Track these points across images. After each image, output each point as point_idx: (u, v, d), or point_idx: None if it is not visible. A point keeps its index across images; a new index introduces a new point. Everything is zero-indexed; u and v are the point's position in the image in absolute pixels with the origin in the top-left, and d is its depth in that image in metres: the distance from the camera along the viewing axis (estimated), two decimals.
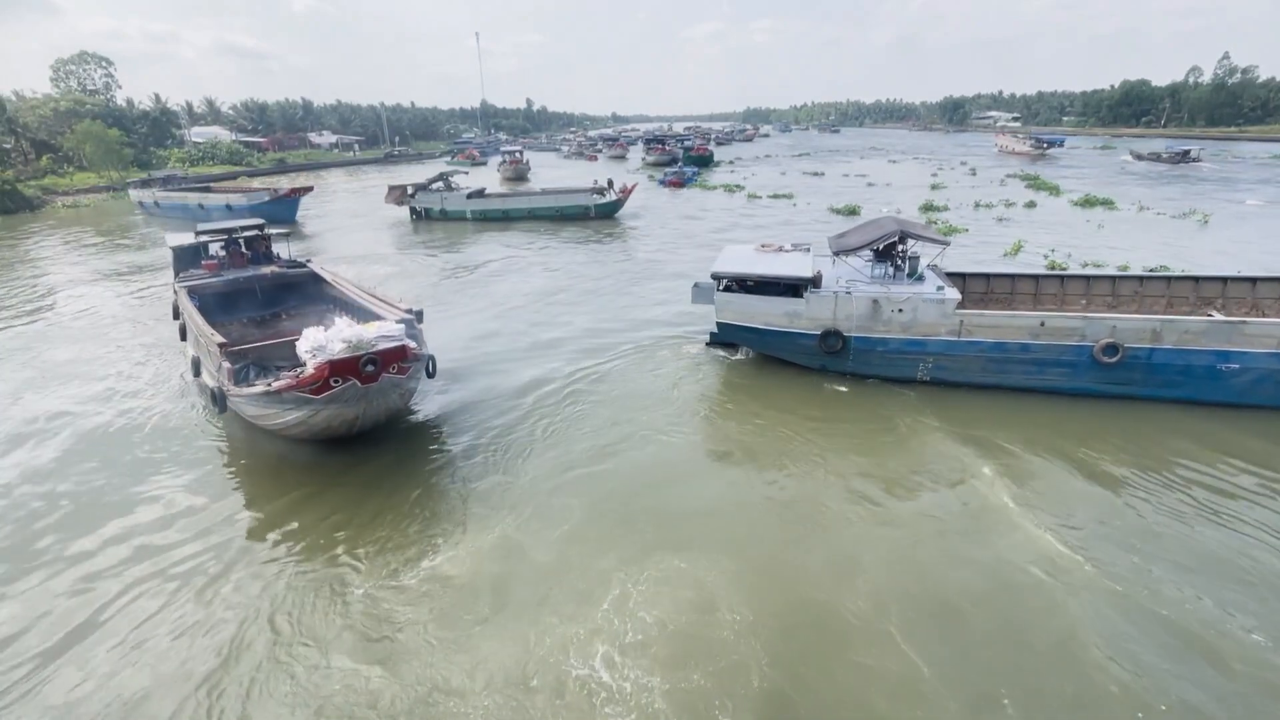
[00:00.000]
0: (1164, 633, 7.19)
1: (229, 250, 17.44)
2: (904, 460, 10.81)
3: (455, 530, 9.23)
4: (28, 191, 51.48)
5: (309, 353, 9.91)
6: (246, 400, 10.73)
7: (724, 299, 14.31)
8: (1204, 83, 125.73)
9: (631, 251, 28.31)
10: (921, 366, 13.31)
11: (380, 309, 13.10)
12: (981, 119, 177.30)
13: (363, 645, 7.32)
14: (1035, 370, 12.69)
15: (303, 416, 10.26)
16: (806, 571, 8.32)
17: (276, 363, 12.06)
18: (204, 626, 7.70)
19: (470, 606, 7.80)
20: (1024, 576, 8.05)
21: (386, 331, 10.29)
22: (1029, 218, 33.20)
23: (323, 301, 16.65)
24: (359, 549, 8.90)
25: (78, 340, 17.90)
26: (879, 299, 13.14)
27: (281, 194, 39.32)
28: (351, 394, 9.91)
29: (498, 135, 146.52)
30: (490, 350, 16.11)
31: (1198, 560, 8.31)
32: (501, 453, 11.21)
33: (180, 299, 14.94)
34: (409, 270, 26.09)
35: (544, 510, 9.62)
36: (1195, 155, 62.33)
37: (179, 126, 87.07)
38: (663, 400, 13.20)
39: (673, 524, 9.24)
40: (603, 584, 8.05)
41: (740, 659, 6.95)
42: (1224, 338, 11.69)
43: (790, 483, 10.33)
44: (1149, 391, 12.35)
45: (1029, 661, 6.88)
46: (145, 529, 9.52)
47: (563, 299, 20.65)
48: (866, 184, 49.62)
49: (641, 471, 10.70)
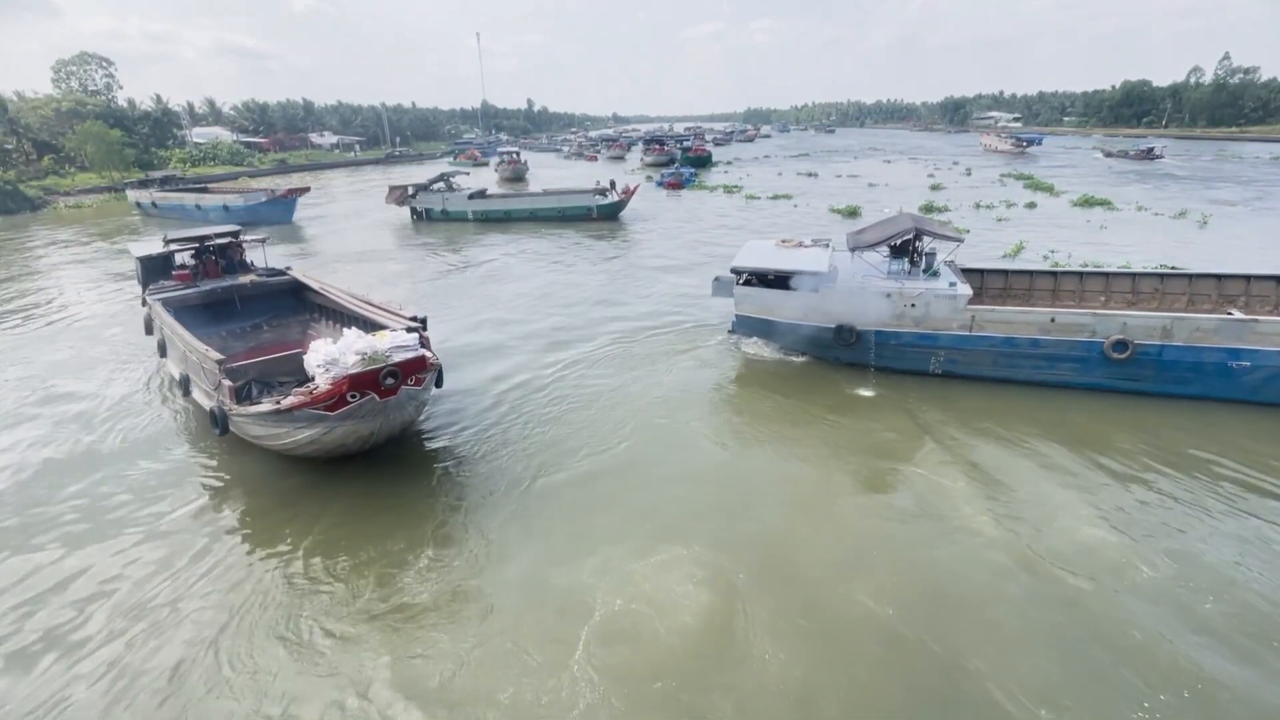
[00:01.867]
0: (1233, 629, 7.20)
1: (201, 259, 16.53)
2: (912, 455, 10.85)
3: (473, 540, 8.98)
4: (29, 192, 51.60)
5: (321, 367, 9.41)
6: (252, 420, 10.05)
7: (742, 293, 14.73)
8: (1205, 83, 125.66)
9: (635, 251, 28.33)
10: (934, 360, 13.52)
11: (380, 316, 12.52)
12: (982, 119, 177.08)
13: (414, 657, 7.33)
14: (1046, 365, 12.81)
15: (315, 435, 9.70)
16: (822, 565, 8.34)
17: (279, 378, 11.33)
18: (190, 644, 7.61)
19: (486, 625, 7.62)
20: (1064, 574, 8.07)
21: (401, 341, 9.86)
22: (1030, 218, 33.16)
23: (306, 310, 16.09)
24: (377, 570, 8.44)
25: (56, 346, 17.62)
26: (892, 294, 13.40)
27: (278, 195, 39.31)
28: (369, 409, 9.49)
29: (498, 136, 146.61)
30: (493, 350, 16.09)
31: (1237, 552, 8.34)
32: (505, 452, 11.17)
33: (156, 313, 14.00)
34: (410, 271, 26.09)
35: (555, 510, 9.59)
36: (1159, 152, 67.43)
37: (180, 127, 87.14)
38: (683, 395, 13.37)
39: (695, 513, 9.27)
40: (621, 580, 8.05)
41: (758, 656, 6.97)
42: (1235, 335, 11.69)
43: (806, 472, 10.46)
44: (1160, 388, 12.37)
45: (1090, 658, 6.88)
46: (128, 558, 8.89)
47: (566, 298, 20.65)
48: (867, 184, 49.59)
49: (659, 465, 10.79)
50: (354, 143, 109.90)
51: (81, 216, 46.02)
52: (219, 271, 16.51)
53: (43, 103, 68.63)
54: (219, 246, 16.73)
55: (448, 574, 8.36)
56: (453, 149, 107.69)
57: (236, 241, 16.96)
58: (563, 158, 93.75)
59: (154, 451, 11.64)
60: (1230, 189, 44.05)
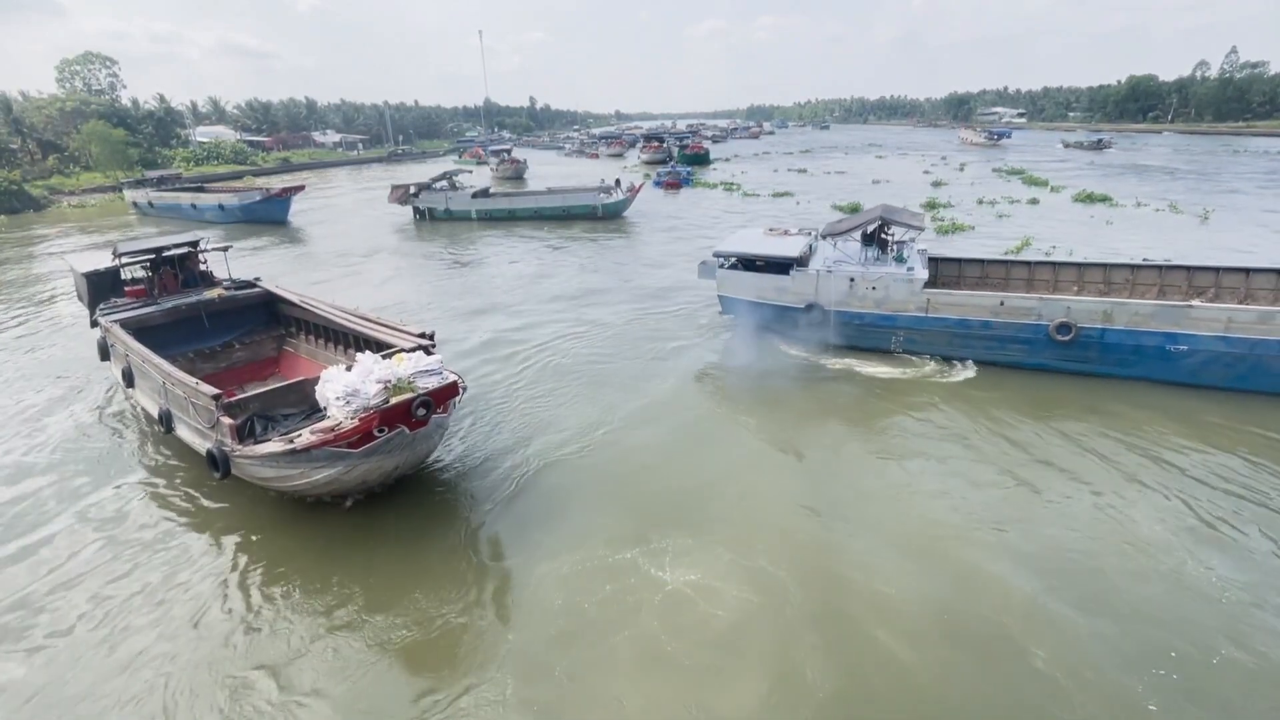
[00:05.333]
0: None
1: (158, 273, 14.65)
2: (895, 432, 10.96)
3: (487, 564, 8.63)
4: (34, 192, 51.84)
5: (340, 399, 8.39)
6: (260, 461, 8.79)
7: (724, 275, 16.03)
8: (1211, 78, 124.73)
9: (640, 248, 28.37)
10: (894, 339, 14.50)
11: (379, 333, 11.30)
12: (986, 115, 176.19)
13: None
14: (997, 346, 13.62)
15: (335, 474, 8.66)
16: (842, 551, 8.43)
17: (282, 410, 10.02)
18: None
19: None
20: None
21: (425, 366, 8.94)
22: (1034, 214, 33.06)
23: (281, 325, 14.83)
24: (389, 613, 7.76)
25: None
26: (855, 277, 14.45)
27: (273, 193, 39.25)
28: (398, 442, 8.55)
29: (501, 134, 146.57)
30: (496, 350, 16.10)
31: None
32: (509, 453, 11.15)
33: (116, 336, 12.37)
34: (411, 271, 26.13)
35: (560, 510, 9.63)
36: (1107, 143, 79.43)
37: (184, 126, 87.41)
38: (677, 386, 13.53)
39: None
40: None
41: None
42: (1172, 320, 12.19)
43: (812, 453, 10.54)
44: (1104, 369, 12.98)
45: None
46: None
47: (574, 296, 20.67)
48: (870, 181, 49.52)
49: (661, 457, 10.94)
50: (357, 141, 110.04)
51: (85, 216, 46.24)
52: (178, 285, 14.81)
53: (47, 103, 68.93)
54: (177, 258, 15.03)
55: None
56: (456, 147, 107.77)
57: (195, 251, 15.30)
58: (564, 155, 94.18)
59: (147, 511, 9.93)
60: (1226, 181, 43.84)
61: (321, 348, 13.68)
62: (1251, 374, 11.95)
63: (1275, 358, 11.66)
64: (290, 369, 14.05)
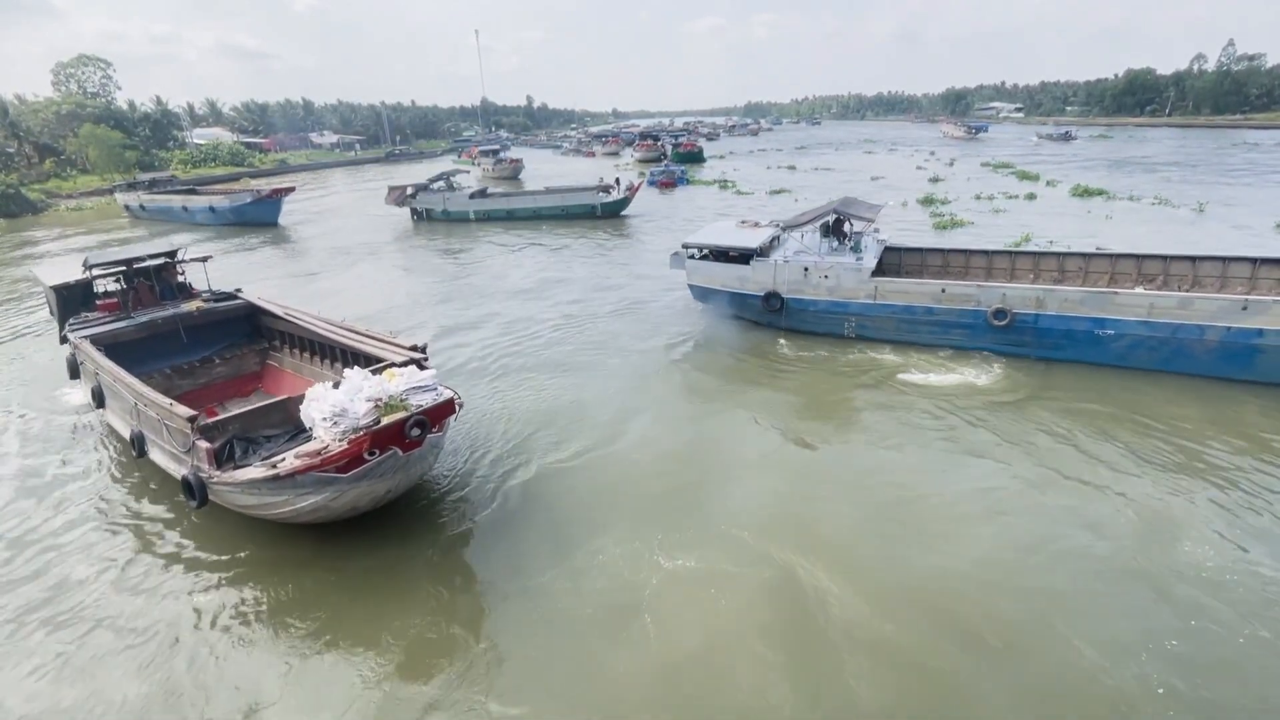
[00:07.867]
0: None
1: (132, 285, 13.97)
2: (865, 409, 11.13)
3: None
4: (32, 195, 51.87)
5: (327, 419, 7.79)
6: (241, 489, 8.22)
7: (692, 265, 16.97)
8: (1209, 71, 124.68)
9: (638, 247, 28.46)
10: (846, 325, 15.31)
11: (367, 345, 10.75)
12: (984, 110, 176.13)
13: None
14: (940, 330, 14.27)
15: (322, 501, 8.10)
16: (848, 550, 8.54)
17: (264, 431, 9.41)
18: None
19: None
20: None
21: (417, 382, 8.36)
22: (1032, 209, 33.15)
23: (263, 338, 14.32)
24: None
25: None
26: (809, 266, 15.24)
27: (264, 195, 39.17)
28: (390, 465, 8.00)
29: (498, 133, 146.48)
30: (494, 351, 16.12)
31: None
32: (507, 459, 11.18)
33: (86, 353, 11.64)
34: (406, 277, 26.06)
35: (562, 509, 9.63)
36: (1073, 135, 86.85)
37: (181, 128, 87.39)
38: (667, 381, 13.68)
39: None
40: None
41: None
42: (1099, 306, 12.75)
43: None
44: (1040, 353, 13.58)
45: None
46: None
47: (575, 296, 20.73)
48: (870, 178, 49.54)
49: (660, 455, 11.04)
50: (354, 142, 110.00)
51: (82, 219, 46.27)
52: (154, 298, 14.12)
53: (43, 106, 68.96)
54: (153, 269, 14.28)
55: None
56: (455, 147, 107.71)
57: (172, 262, 14.67)
58: (561, 154, 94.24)
59: (115, 538, 9.25)
60: (1206, 173, 43.83)
61: (307, 362, 13.19)
62: (1174, 357, 12.54)
63: (1195, 341, 12.19)
64: (274, 385, 13.50)
